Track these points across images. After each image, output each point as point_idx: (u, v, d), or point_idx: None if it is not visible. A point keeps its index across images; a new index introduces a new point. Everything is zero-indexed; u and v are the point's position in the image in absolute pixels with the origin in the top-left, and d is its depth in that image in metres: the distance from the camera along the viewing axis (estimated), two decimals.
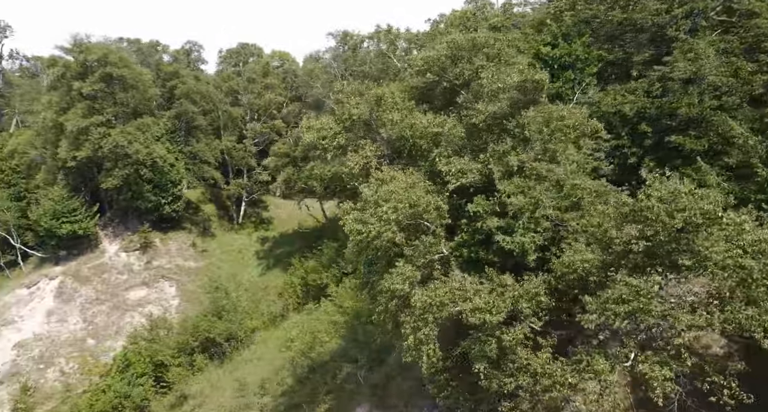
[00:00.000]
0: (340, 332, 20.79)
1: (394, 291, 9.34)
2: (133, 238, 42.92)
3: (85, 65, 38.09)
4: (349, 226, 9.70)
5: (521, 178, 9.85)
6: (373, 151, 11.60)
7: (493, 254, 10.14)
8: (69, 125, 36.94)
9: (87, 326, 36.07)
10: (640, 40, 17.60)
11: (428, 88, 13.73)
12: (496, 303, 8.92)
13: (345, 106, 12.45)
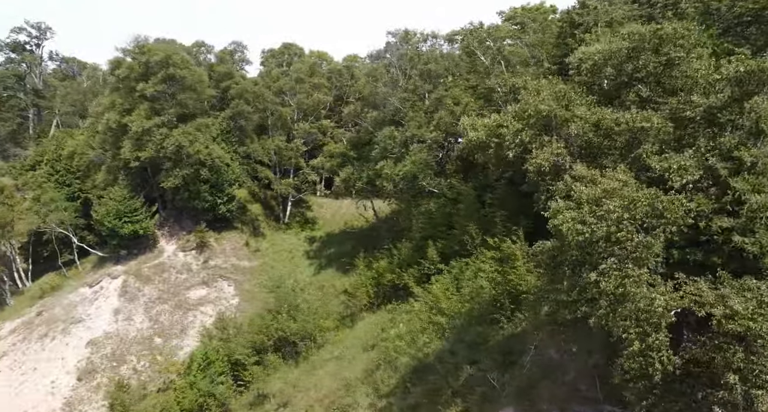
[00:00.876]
0: (440, 332, 20.66)
1: (627, 295, 9.07)
2: (190, 237, 43.45)
3: (147, 67, 38.57)
4: (566, 226, 9.46)
5: (752, 176, 9.58)
6: (561, 148, 11.39)
7: (717, 256, 9.88)
8: (134, 126, 37.48)
9: (153, 325, 36.58)
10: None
11: (593, 82, 13.44)
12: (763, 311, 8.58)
13: (528, 102, 12.25)
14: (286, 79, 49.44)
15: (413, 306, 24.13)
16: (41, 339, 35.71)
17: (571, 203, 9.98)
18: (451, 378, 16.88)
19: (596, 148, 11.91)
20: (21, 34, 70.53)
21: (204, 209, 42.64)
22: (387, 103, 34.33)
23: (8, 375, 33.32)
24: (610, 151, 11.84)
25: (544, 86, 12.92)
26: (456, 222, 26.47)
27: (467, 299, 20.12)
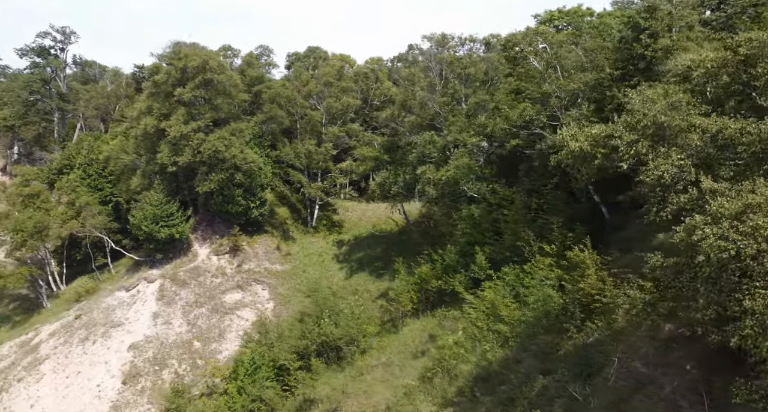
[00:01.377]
0: (501, 340, 20.62)
1: None
2: (223, 241, 43.80)
3: (183, 72, 38.95)
4: (708, 242, 9.32)
5: None
6: (683, 159, 11.24)
7: None
8: (172, 131, 37.86)
9: (191, 329, 36.91)
10: None
11: (692, 90, 13.28)
12: None
13: (641, 111, 12.11)
14: (314, 82, 49.69)
15: (469, 313, 24.05)
16: (82, 343, 36.18)
17: (707, 218, 9.81)
18: (525, 388, 16.84)
19: (713, 159, 11.76)
20: (46, 38, 71.58)
21: (237, 213, 42.94)
22: (425, 107, 34.38)
23: (53, 378, 33.80)
24: (729, 162, 11.67)
25: (658, 95, 12.75)
26: (506, 228, 26.44)
27: (532, 307, 20.03)
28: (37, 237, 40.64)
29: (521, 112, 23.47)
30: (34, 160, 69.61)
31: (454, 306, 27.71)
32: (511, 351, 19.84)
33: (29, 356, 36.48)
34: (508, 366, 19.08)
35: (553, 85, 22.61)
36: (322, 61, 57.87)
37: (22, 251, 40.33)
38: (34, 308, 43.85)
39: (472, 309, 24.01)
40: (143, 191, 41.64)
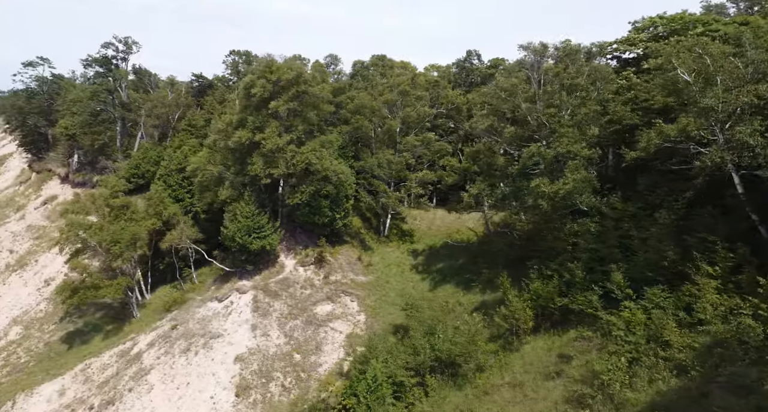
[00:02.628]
0: (670, 368, 20.33)
1: None
2: (308, 252, 44.62)
3: (276, 85, 39.86)
4: None
5: None
6: None
7: None
8: (267, 144, 38.79)
9: (289, 341, 37.68)
10: None
11: None
12: None
13: None
14: (389, 91, 50.16)
15: (618, 335, 23.67)
16: (185, 353, 37.33)
17: None
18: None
19: None
20: (109, 48, 74.28)
21: (323, 224, 43.68)
22: (528, 118, 34.31)
23: (163, 389, 34.99)
24: None
25: None
26: (641, 245, 26.17)
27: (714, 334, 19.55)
28: (132, 248, 42.20)
29: (684, 127, 23.15)
30: (101, 169, 72.21)
31: (581, 326, 27.53)
32: (693, 382, 19.52)
33: (133, 366, 37.86)
34: (693, 399, 18.78)
35: (713, 99, 22.22)
36: (389, 69, 58.36)
37: (119, 261, 41.84)
38: (123, 317, 45.46)
39: (620, 331, 23.77)
40: (233, 203, 42.77)
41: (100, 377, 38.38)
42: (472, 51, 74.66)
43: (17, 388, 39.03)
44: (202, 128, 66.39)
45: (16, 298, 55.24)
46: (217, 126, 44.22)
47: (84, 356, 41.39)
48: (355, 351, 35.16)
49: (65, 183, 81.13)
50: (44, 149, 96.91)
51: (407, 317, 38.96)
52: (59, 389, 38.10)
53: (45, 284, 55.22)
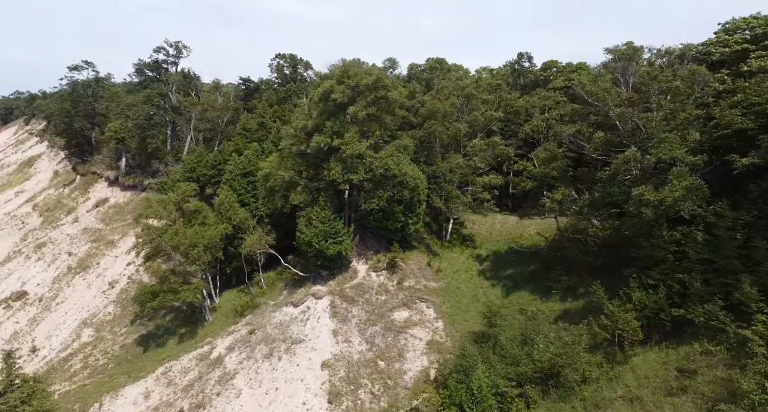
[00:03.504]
0: None
1: None
2: (380, 257, 44.81)
3: (355, 90, 40.14)
4: None
5: None
6: None
7: None
8: (348, 149, 39.07)
9: (371, 348, 37.87)
10: None
11: None
12: None
13: None
14: (455, 95, 50.03)
15: (761, 350, 23.13)
16: (267, 358, 37.85)
17: None
18: None
19: None
20: (160, 53, 75.89)
21: (396, 229, 43.82)
22: (619, 122, 33.82)
23: (251, 394, 35.54)
24: None
25: None
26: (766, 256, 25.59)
27: None
28: (209, 252, 42.97)
29: None
30: (154, 173, 73.75)
31: (702, 339, 27.00)
32: None
33: (216, 370, 38.53)
34: None
35: None
36: (446, 72, 58.28)
37: (197, 265, 42.63)
38: (195, 321, 46.28)
39: (761, 347, 23.22)
40: (306, 208, 43.22)
41: (182, 381, 39.16)
42: (523, 53, 74.17)
43: (101, 390, 40.08)
44: (257, 132, 67.38)
45: (82, 300, 56.74)
46: (288, 131, 44.68)
47: (162, 359, 42.28)
48: (445, 359, 35.13)
49: (114, 186, 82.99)
50: (88, 152, 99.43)
51: (488, 324, 38.80)
52: (143, 392, 38.99)
53: (109, 287, 56.62)
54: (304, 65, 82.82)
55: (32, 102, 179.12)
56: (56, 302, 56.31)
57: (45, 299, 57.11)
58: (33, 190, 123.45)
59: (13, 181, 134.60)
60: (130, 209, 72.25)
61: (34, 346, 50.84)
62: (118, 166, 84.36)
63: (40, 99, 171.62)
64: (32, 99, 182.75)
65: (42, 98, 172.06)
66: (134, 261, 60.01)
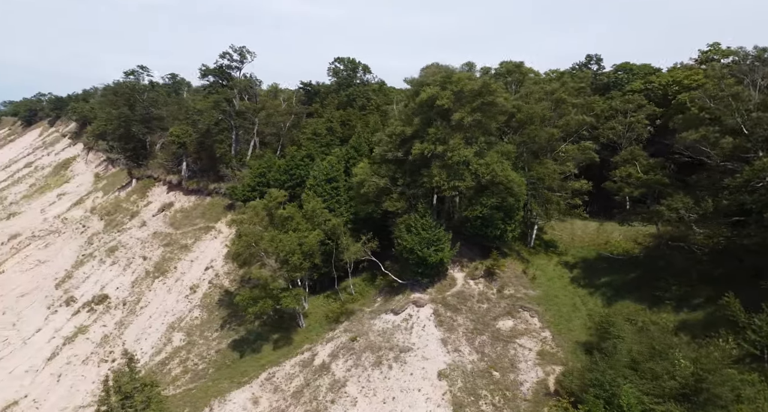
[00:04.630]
0: None
1: None
2: (477, 265, 44.64)
3: (460, 95, 40.10)
4: None
5: None
6: None
7: None
8: (454, 156, 39.05)
9: (482, 358, 37.72)
10: None
11: None
12: None
13: None
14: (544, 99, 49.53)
15: None
16: (377, 366, 38.04)
17: None
18: None
19: None
20: (224, 58, 77.40)
21: (495, 236, 43.58)
22: (745, 127, 32.92)
23: (367, 402, 35.78)
24: None
25: None
26: None
27: None
28: (309, 259, 43.51)
29: None
30: (221, 177, 75.05)
31: None
32: None
33: (324, 377, 38.91)
34: None
35: None
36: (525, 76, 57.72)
37: (298, 272, 43.19)
38: (288, 327, 46.80)
39: None
40: (403, 214, 43.35)
41: (289, 387, 39.69)
42: (591, 55, 73.11)
43: (208, 394, 40.93)
44: (325, 136, 68.00)
45: (164, 304, 58.15)
46: (382, 138, 44.91)
47: (263, 365, 42.94)
48: (568, 370, 34.67)
49: (176, 190, 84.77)
50: (142, 156, 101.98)
51: (597, 335, 38.16)
52: (251, 398, 39.65)
53: (191, 291, 57.86)
54: (363, 69, 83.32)
55: (58, 104, 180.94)
56: (140, 306, 57.86)
57: (129, 303, 58.72)
58: (77, 193, 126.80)
59: (51, 183, 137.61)
60: (198, 213, 73.79)
61: (125, 349, 52.21)
62: (179, 170, 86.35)
63: (73, 102, 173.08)
64: (58, 101, 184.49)
65: (75, 101, 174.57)
66: (212, 266, 61.31)
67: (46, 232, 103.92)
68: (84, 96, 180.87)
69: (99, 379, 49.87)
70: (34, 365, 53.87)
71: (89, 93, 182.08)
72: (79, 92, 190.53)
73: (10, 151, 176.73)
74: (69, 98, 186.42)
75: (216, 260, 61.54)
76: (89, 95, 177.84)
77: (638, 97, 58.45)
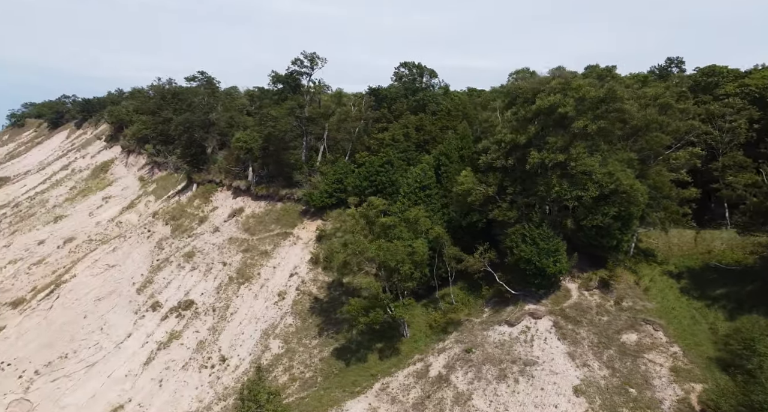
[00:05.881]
0: None
1: None
2: (591, 276, 43.62)
3: (581, 103, 39.27)
4: None
5: None
6: None
7: None
8: (578, 166, 38.25)
9: (614, 373, 36.77)
10: None
11: None
12: None
13: None
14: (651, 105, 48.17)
15: None
16: (502, 380, 37.48)
17: None
18: None
19: None
20: (295, 65, 78.14)
21: (611, 246, 42.51)
22: None
23: None
24: None
25: None
26: None
27: None
28: (419, 268, 43.27)
29: None
30: (294, 183, 75.71)
31: None
32: None
33: (446, 390, 38.54)
34: None
35: None
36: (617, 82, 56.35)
37: (410, 281, 43.00)
38: (391, 336, 46.59)
39: None
40: (516, 224, 42.71)
41: (407, 398, 39.46)
42: (672, 58, 71.10)
43: (323, 403, 41.06)
44: (401, 142, 67.91)
45: (251, 310, 58.82)
46: (491, 146, 44.39)
47: (373, 375, 42.87)
48: (719, 390, 33.42)
49: (242, 196, 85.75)
50: (202, 161, 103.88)
51: (731, 351, 36.75)
52: (368, 408, 39.59)
53: (279, 298, 58.37)
54: (429, 74, 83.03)
55: (85, 106, 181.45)
56: (230, 312, 58.66)
57: (218, 309, 59.62)
58: (124, 196, 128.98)
59: (92, 186, 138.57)
60: (272, 219, 74.54)
61: (222, 356, 53.07)
62: (245, 175, 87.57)
63: (110, 104, 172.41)
64: (86, 103, 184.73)
65: (103, 103, 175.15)
66: (296, 272, 61.73)
67: (102, 236, 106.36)
68: (112, 98, 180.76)
69: (201, 384, 50.88)
70: (132, 370, 55.16)
71: (114, 95, 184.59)
72: (103, 95, 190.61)
73: (39, 152, 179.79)
74: (96, 101, 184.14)
75: (299, 266, 61.97)
76: (117, 98, 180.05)
77: (738, 100, 56.40)
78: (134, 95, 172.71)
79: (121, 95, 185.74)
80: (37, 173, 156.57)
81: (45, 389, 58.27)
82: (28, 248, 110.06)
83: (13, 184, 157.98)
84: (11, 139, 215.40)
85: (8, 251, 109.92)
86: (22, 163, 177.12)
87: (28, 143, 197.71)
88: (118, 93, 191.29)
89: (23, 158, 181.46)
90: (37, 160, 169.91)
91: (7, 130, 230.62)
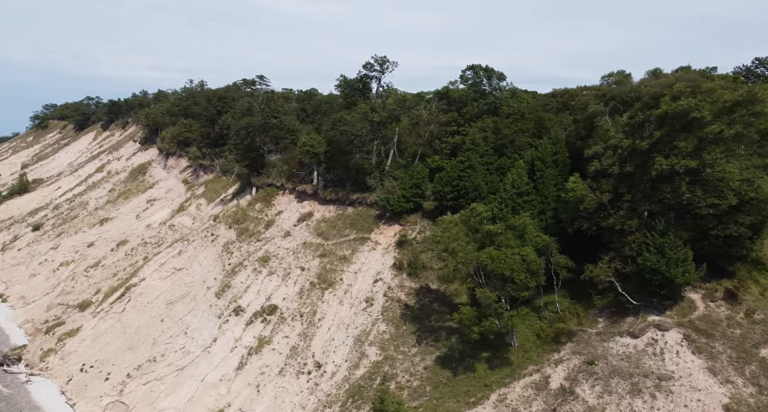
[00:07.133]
0: None
1: None
2: (715, 286, 41.86)
3: (714, 106, 37.69)
4: None
5: None
6: None
7: None
8: (716, 173, 36.72)
9: (760, 391, 35.11)
10: None
11: None
12: None
13: None
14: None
15: None
16: (637, 395, 36.24)
17: None
18: None
19: None
20: (366, 68, 78.14)
21: (740, 256, 40.74)
22: None
23: None
24: None
25: None
26: None
27: None
28: (535, 278, 42.36)
29: None
30: (365, 188, 75.71)
31: None
32: None
33: (574, 404, 37.51)
34: None
35: None
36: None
37: (526, 292, 42.16)
38: (496, 345, 45.68)
39: None
40: (635, 232, 41.37)
41: (529, 411, 38.57)
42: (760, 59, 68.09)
43: None
44: (481, 146, 67.05)
45: (338, 316, 58.84)
46: (605, 151, 43.12)
47: (487, 385, 42.13)
48: None
49: (308, 200, 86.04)
50: (260, 165, 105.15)
51: None
52: None
53: (367, 304, 58.21)
54: (497, 76, 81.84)
55: (113, 108, 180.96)
56: (317, 318, 58.86)
57: (305, 315, 59.93)
58: (169, 199, 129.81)
59: (132, 189, 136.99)
60: (345, 223, 74.56)
61: (317, 362, 53.22)
62: (310, 180, 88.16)
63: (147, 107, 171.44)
64: (113, 105, 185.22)
65: (139, 106, 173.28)
66: (381, 278, 61.49)
67: (156, 239, 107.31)
68: (139, 100, 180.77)
69: (301, 391, 51.09)
70: (226, 375, 55.89)
71: (140, 97, 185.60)
72: (128, 97, 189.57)
73: (67, 154, 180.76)
74: (123, 103, 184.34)
75: (383, 272, 61.74)
76: (144, 100, 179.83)
77: None
78: (159, 98, 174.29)
79: (146, 97, 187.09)
80: (70, 175, 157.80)
81: (138, 392, 59.63)
82: (77, 250, 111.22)
83: (48, 186, 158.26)
84: (36, 141, 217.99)
85: (57, 252, 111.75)
86: (51, 165, 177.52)
87: (55, 145, 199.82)
88: (143, 95, 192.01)
89: (51, 160, 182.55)
90: (66, 162, 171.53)
91: (31, 132, 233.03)
